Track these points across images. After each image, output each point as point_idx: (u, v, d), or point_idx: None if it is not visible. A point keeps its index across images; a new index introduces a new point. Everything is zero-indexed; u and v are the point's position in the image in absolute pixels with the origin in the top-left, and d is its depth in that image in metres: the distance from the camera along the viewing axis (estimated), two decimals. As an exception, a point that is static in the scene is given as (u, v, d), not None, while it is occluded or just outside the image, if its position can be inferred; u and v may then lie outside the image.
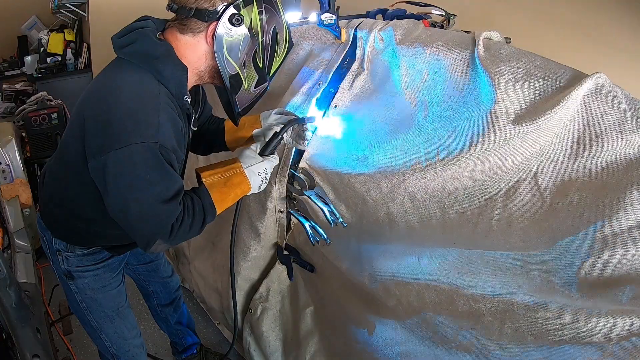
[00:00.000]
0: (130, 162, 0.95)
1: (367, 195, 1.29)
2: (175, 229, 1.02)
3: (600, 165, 0.95)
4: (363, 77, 1.38)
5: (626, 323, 0.82)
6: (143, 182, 0.97)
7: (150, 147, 0.95)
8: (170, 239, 1.02)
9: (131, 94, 0.98)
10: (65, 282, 1.31)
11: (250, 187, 1.17)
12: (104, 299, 1.34)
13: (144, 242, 1.02)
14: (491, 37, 1.19)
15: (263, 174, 1.18)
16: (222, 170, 1.14)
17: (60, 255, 1.27)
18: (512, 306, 0.97)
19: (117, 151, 0.94)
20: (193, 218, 1.06)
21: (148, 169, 0.96)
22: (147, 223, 1.00)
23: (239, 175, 1.15)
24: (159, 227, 1.00)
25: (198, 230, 1.09)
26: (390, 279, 1.24)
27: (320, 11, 1.39)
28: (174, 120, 1.03)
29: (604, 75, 0.97)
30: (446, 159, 1.12)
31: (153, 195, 0.98)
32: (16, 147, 2.19)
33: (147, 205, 0.98)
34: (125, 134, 0.94)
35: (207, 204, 1.09)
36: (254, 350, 1.78)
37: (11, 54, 3.99)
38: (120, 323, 1.40)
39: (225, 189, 1.13)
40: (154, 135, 0.95)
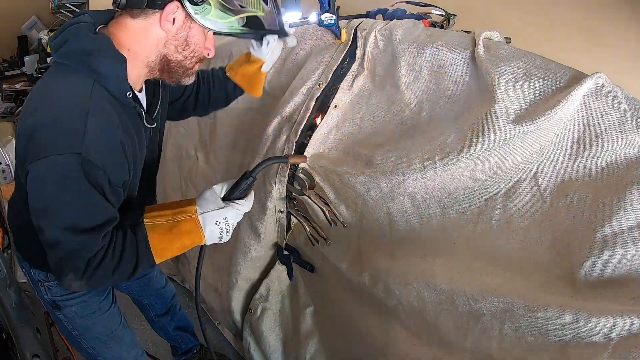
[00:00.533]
0: (44, 178, 0.82)
1: (367, 195, 1.29)
2: (92, 267, 0.86)
3: (600, 165, 0.95)
4: (363, 77, 1.38)
5: (626, 323, 0.82)
6: (56, 204, 0.83)
7: (70, 160, 0.81)
8: (85, 278, 0.87)
9: (57, 100, 0.86)
10: (52, 312, 1.24)
11: (203, 238, 0.96)
12: (94, 324, 1.26)
13: (56, 273, 0.88)
14: (491, 37, 1.19)
15: (223, 225, 0.96)
16: (170, 213, 0.95)
17: (42, 285, 1.18)
18: (512, 306, 0.97)
19: (35, 164, 0.82)
20: (119, 262, 0.89)
21: (63, 188, 0.82)
22: (56, 252, 0.86)
23: (189, 222, 0.94)
24: (70, 260, 0.85)
25: (126, 277, 0.92)
26: (390, 279, 1.24)
27: (320, 11, 1.39)
28: (112, 125, 0.89)
29: (604, 75, 0.97)
30: (446, 159, 1.12)
31: (65, 221, 0.84)
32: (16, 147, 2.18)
33: (57, 232, 0.84)
34: (45, 144, 0.81)
35: (143, 248, 0.92)
36: (254, 350, 1.78)
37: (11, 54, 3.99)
38: (117, 346, 1.33)
39: (168, 236, 0.94)
40: (77, 146, 0.81)
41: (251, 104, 1.77)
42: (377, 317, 1.34)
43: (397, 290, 1.22)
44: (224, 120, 1.90)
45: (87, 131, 0.82)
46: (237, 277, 1.73)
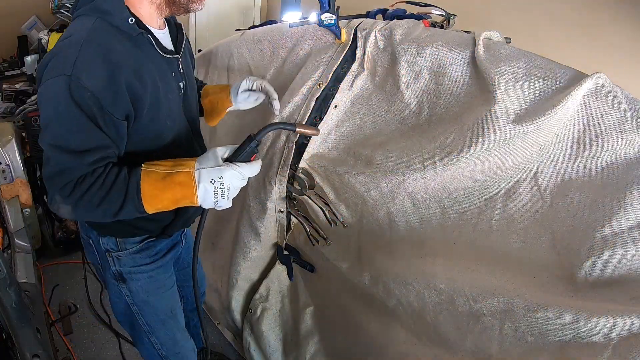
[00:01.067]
0: (43, 98, 0.89)
1: (367, 195, 1.29)
2: (78, 192, 0.89)
3: (600, 165, 0.95)
4: (363, 77, 1.38)
5: (626, 323, 0.82)
6: (47, 121, 0.89)
7: (60, 81, 0.85)
8: (69, 202, 0.90)
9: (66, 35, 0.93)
10: (115, 286, 1.21)
11: (195, 194, 0.93)
12: (157, 301, 1.25)
13: (48, 194, 0.93)
14: (491, 37, 1.19)
15: (217, 184, 0.93)
16: (170, 164, 0.95)
17: (110, 255, 1.16)
18: (512, 306, 0.97)
19: (39, 87, 0.90)
20: (106, 194, 0.91)
21: (52, 107, 0.87)
22: (47, 169, 0.91)
23: (185, 175, 0.92)
24: (56, 179, 0.89)
25: (111, 213, 0.92)
26: (390, 279, 1.24)
27: (320, 11, 1.39)
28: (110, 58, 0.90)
29: (604, 75, 0.97)
30: (446, 159, 1.12)
31: (53, 138, 0.88)
32: (16, 147, 2.18)
33: (48, 148, 0.89)
34: (47, 71, 0.88)
35: (133, 189, 0.92)
36: (254, 350, 1.78)
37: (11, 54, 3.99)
38: (173, 325, 1.32)
39: (160, 184, 0.92)
40: (67, 69, 0.85)
41: (251, 104, 1.77)
42: (377, 317, 1.34)
43: (397, 290, 1.22)
44: (224, 121, 1.89)
45: (80, 56, 0.86)
46: (237, 277, 1.73)
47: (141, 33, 0.98)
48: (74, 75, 0.85)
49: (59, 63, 0.87)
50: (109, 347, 2.03)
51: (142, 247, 1.18)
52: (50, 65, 0.89)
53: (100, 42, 0.90)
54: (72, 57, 0.86)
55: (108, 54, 0.90)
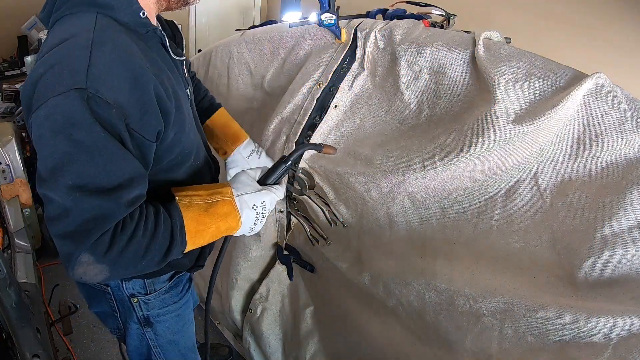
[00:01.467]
0: (44, 125, 0.65)
1: (367, 195, 1.29)
2: (119, 244, 0.68)
3: (600, 165, 0.95)
4: (363, 77, 1.38)
5: (626, 323, 0.82)
6: (60, 157, 0.64)
7: (72, 98, 0.64)
8: (108, 259, 0.67)
9: (58, 41, 0.70)
10: (137, 331, 1.09)
11: (240, 223, 0.85)
12: (182, 338, 1.16)
13: (64, 256, 0.68)
14: (491, 37, 1.19)
15: (260, 209, 0.87)
16: (204, 193, 0.83)
17: (136, 300, 1.03)
18: (512, 306, 0.97)
19: (35, 114, 0.66)
20: (152, 240, 0.72)
21: (67, 135, 0.64)
22: (66, 225, 0.65)
23: (227, 204, 0.83)
24: (84, 235, 0.65)
25: (156, 262, 0.75)
26: (390, 279, 1.24)
27: (320, 11, 1.39)
28: (128, 53, 0.72)
29: (604, 75, 0.97)
30: (446, 159, 1.12)
31: (73, 179, 0.64)
32: (16, 147, 2.18)
33: (65, 196, 0.64)
34: (45, 90, 0.66)
35: (177, 229, 0.76)
36: (254, 350, 1.78)
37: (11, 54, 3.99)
38: (192, 356, 1.25)
39: (205, 218, 0.80)
40: (80, 80, 0.64)
41: (251, 104, 1.77)
42: (377, 317, 1.34)
43: (397, 290, 1.22)
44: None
45: (92, 63, 0.66)
46: (237, 277, 1.73)
47: (153, 30, 0.82)
48: (91, 87, 0.65)
49: (64, 75, 0.65)
50: (109, 347, 2.03)
51: (171, 285, 1.08)
52: (49, 79, 0.66)
53: (116, 43, 0.71)
54: (83, 64, 0.66)
55: (128, 55, 0.71)
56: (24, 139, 2.49)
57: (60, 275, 2.44)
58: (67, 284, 2.39)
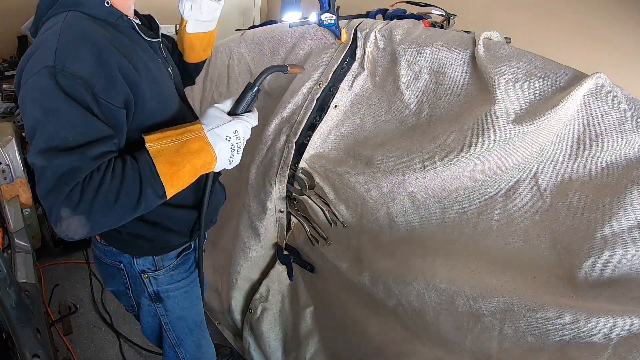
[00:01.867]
0: (27, 102, 0.78)
1: (367, 195, 1.29)
2: (88, 193, 0.76)
3: (600, 165, 0.95)
4: (363, 77, 1.38)
5: (626, 323, 0.83)
6: (37, 125, 0.77)
7: (42, 75, 0.76)
8: (81, 209, 0.76)
9: (36, 41, 0.85)
10: (149, 307, 1.16)
11: (215, 157, 0.88)
12: (190, 314, 1.23)
13: (49, 214, 0.77)
14: (491, 37, 1.19)
15: (234, 139, 0.89)
16: (174, 133, 0.86)
17: (147, 276, 1.11)
18: (512, 306, 0.97)
19: (19, 94, 0.81)
20: (120, 186, 0.79)
21: (40, 105, 0.76)
22: (46, 183, 0.76)
23: (197, 140, 0.86)
24: (60, 188, 0.75)
25: (132, 206, 0.81)
26: (390, 279, 1.24)
27: (320, 11, 1.39)
28: (94, 41, 0.82)
29: (604, 75, 0.97)
30: (446, 159, 1.12)
31: (47, 142, 0.76)
32: (16, 147, 2.18)
33: (42, 157, 0.76)
34: (25, 73, 0.80)
35: (147, 171, 0.82)
36: (254, 350, 1.78)
37: (11, 54, 3.99)
38: (200, 334, 1.30)
39: (176, 158, 0.84)
40: (49, 60, 0.77)
41: (251, 104, 1.77)
42: (377, 317, 1.34)
43: (397, 290, 1.22)
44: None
45: (60, 45, 0.78)
46: (237, 277, 1.73)
47: (120, 16, 0.91)
48: (58, 64, 0.76)
49: (38, 58, 0.79)
50: (109, 347, 2.03)
51: (179, 262, 1.16)
52: (28, 66, 0.80)
53: (80, 26, 0.82)
54: (52, 47, 0.78)
55: (91, 35, 0.82)
56: (24, 139, 2.49)
57: (60, 275, 2.44)
58: (67, 284, 2.39)
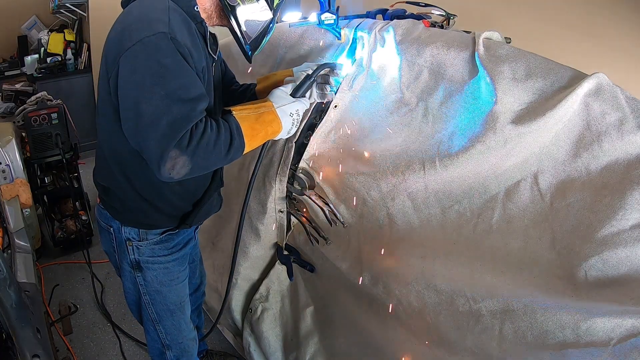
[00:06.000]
0: (140, 56, 0.91)
1: (367, 195, 1.29)
2: (195, 138, 0.92)
3: (600, 165, 0.95)
4: (363, 77, 1.38)
5: (626, 323, 0.82)
6: (155, 75, 0.91)
7: (161, 37, 0.91)
8: (189, 151, 0.91)
9: (140, 9, 0.98)
10: (130, 273, 1.26)
11: (282, 127, 1.11)
12: (169, 292, 1.30)
13: (157, 155, 0.90)
14: (491, 37, 1.19)
15: (295, 116, 1.13)
16: (253, 107, 1.08)
17: (131, 244, 1.22)
18: (512, 306, 0.97)
19: (128, 51, 0.91)
20: (218, 135, 0.97)
21: (159, 60, 0.91)
22: (158, 126, 0.90)
23: (270, 114, 1.09)
24: (173, 132, 0.90)
25: (223, 154, 1.00)
26: (390, 279, 1.24)
27: (320, 11, 1.39)
28: (188, 26, 1.00)
29: (604, 75, 0.97)
30: (446, 159, 1.12)
31: (167, 90, 0.91)
32: (16, 147, 2.19)
33: (157, 104, 0.90)
34: (135, 34, 0.92)
35: (236, 130, 1.02)
36: (254, 350, 1.78)
37: (11, 54, 3.99)
38: (180, 317, 1.36)
39: (256, 125, 1.06)
40: (164, 27, 0.92)
41: (251, 104, 1.77)
42: (377, 317, 1.34)
43: (397, 290, 1.22)
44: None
45: (171, 20, 0.95)
46: (237, 277, 1.73)
47: (201, 22, 1.06)
48: (171, 32, 0.92)
49: (151, 24, 0.92)
50: (109, 347, 2.03)
51: (162, 239, 1.23)
52: (140, 27, 0.92)
53: (182, 13, 1.00)
54: (164, 18, 0.94)
55: (189, 23, 1.01)
56: (24, 139, 2.50)
57: (60, 275, 2.44)
58: (67, 284, 2.40)
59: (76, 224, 2.58)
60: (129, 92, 0.93)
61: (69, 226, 2.60)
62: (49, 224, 2.57)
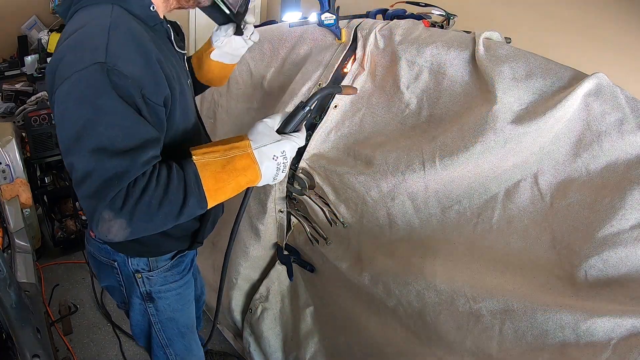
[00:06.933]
0: (69, 98, 0.74)
1: (367, 195, 1.29)
2: (133, 198, 0.74)
3: (600, 165, 0.95)
4: (363, 77, 1.38)
5: (626, 323, 0.83)
6: (84, 124, 0.73)
7: (93, 71, 0.73)
8: (125, 213, 0.74)
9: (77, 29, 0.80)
10: (140, 306, 1.16)
11: (260, 176, 0.86)
12: (182, 316, 1.22)
13: (90, 215, 0.76)
14: (491, 37, 1.19)
15: (281, 159, 0.87)
16: (221, 149, 0.85)
17: (140, 276, 1.10)
18: (512, 306, 0.98)
19: (58, 90, 0.75)
20: (165, 190, 0.77)
21: (90, 104, 0.73)
22: (89, 185, 0.73)
23: (244, 158, 0.84)
24: (105, 191, 0.73)
25: (175, 214, 0.80)
26: (390, 279, 1.24)
27: (320, 11, 1.39)
28: (139, 41, 0.81)
29: (604, 75, 0.97)
30: (446, 159, 1.12)
31: (95, 143, 0.73)
32: (16, 147, 2.19)
33: (88, 159, 0.73)
34: (66, 67, 0.75)
35: (192, 182, 0.81)
36: (254, 350, 1.78)
37: (11, 54, 3.99)
38: (191, 337, 1.30)
39: (222, 175, 0.83)
40: (100, 56, 0.74)
41: (251, 104, 1.77)
42: (377, 317, 1.34)
43: (397, 290, 1.22)
44: (224, 121, 1.90)
45: (110, 42, 0.76)
46: (237, 277, 1.73)
47: (161, 22, 0.91)
48: (110, 62, 0.74)
49: (86, 52, 0.75)
50: (109, 347, 2.04)
51: (174, 263, 1.16)
52: (71, 58, 0.76)
53: (128, 27, 0.81)
54: (101, 42, 0.75)
55: (140, 36, 0.82)
56: (24, 139, 2.50)
57: (60, 275, 2.44)
58: (67, 284, 2.39)
59: (76, 224, 2.58)
60: (61, 140, 0.77)
61: (69, 226, 2.60)
62: (49, 224, 2.58)
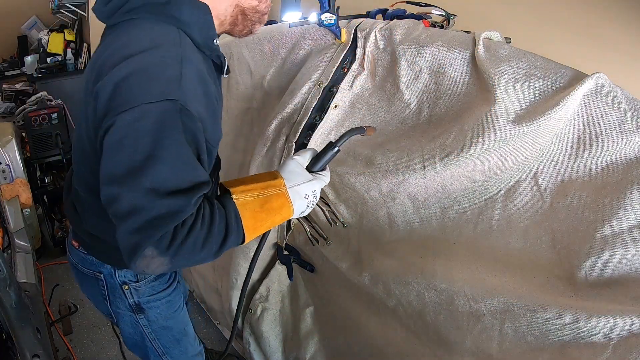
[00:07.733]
0: (131, 127, 0.70)
1: (367, 195, 1.29)
2: (179, 237, 0.72)
3: (600, 165, 0.95)
4: (363, 77, 1.38)
5: (626, 323, 0.83)
6: (145, 160, 0.70)
7: (166, 108, 0.70)
8: (169, 252, 0.72)
9: (145, 45, 0.74)
10: (130, 318, 1.13)
11: (292, 213, 0.89)
12: (175, 323, 1.20)
13: (128, 249, 0.72)
14: (491, 37, 1.19)
15: (311, 197, 0.90)
16: (258, 187, 0.85)
17: (127, 288, 1.08)
18: (512, 306, 0.97)
19: (121, 115, 0.70)
20: (209, 232, 0.76)
21: (157, 141, 0.69)
22: (134, 221, 0.70)
23: (280, 197, 0.86)
24: (152, 230, 0.70)
25: (213, 253, 0.79)
26: (390, 279, 1.24)
27: (320, 11, 1.39)
28: (203, 77, 0.79)
29: (604, 75, 0.97)
30: (446, 159, 1.12)
31: (156, 181, 0.70)
32: (16, 147, 2.19)
33: (140, 195, 0.70)
34: (135, 93, 0.70)
35: (233, 222, 0.80)
36: (254, 350, 1.78)
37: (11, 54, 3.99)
38: (186, 341, 1.27)
39: (261, 214, 0.84)
40: (174, 92, 0.70)
41: (251, 103, 1.77)
42: (377, 317, 1.34)
43: (397, 290, 1.22)
44: (224, 121, 1.89)
45: (183, 77, 0.72)
46: (237, 277, 1.73)
47: (217, 56, 0.89)
48: (182, 100, 0.70)
49: (157, 83, 0.71)
50: (109, 347, 2.03)
51: None
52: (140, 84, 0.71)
53: (196, 61, 0.78)
54: (175, 76, 0.71)
55: (203, 73, 0.79)
56: (24, 139, 2.50)
57: (60, 275, 2.44)
58: (67, 284, 2.39)
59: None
60: (108, 167, 0.73)
61: (69, 226, 2.59)
62: (49, 224, 2.58)
